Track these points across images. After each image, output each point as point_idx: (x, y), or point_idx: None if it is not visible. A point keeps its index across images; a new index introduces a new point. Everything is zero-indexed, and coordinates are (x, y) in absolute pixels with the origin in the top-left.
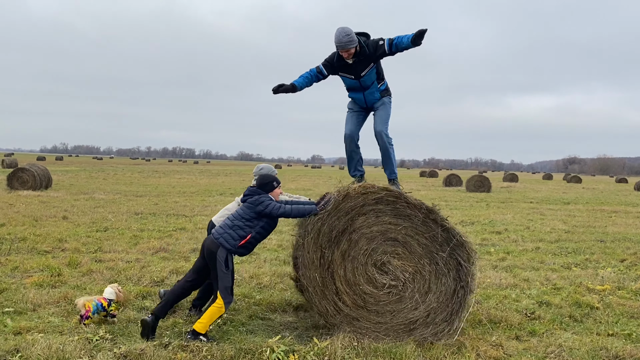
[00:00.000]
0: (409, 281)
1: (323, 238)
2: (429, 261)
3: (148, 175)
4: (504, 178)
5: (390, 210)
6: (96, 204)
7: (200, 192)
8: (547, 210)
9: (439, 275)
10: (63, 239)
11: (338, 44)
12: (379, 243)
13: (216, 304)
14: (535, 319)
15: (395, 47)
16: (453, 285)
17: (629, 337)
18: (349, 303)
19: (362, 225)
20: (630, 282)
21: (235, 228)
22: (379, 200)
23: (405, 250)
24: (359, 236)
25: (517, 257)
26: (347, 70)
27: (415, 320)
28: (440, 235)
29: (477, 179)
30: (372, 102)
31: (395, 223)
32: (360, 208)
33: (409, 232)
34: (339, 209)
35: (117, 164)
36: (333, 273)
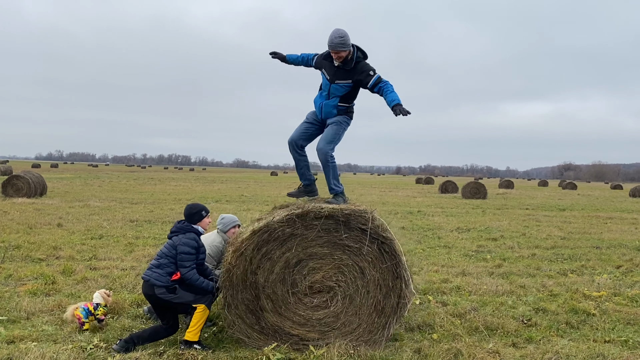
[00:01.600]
0: (341, 280)
1: (249, 317)
2: (341, 251)
3: (143, 183)
4: (500, 185)
5: (274, 244)
6: (91, 212)
7: (196, 199)
8: (543, 217)
9: (358, 251)
10: (57, 247)
11: (329, 44)
12: (291, 275)
13: (198, 310)
14: (531, 325)
15: (379, 89)
16: (375, 248)
17: (626, 344)
18: (317, 336)
19: (265, 276)
20: (626, 288)
21: (162, 266)
22: (257, 245)
23: (315, 261)
24: (272, 287)
25: (513, 264)
26: (328, 69)
27: (376, 301)
28: (328, 224)
29: (473, 186)
30: (327, 116)
31: (287, 249)
32: (250, 267)
33: (303, 244)
34: (235, 284)
35: (113, 171)
36: (284, 329)
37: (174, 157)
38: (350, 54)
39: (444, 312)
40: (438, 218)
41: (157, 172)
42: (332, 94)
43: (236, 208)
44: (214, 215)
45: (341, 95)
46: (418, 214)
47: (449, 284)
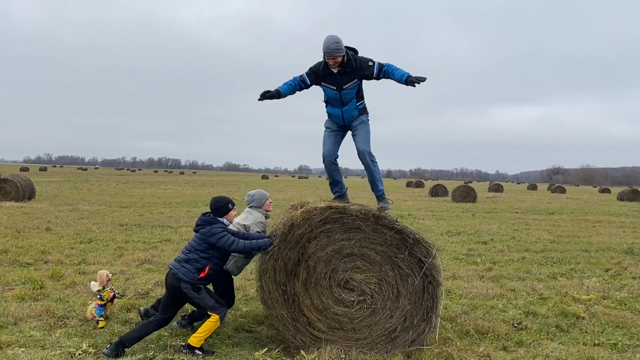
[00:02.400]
0: (376, 292)
1: (280, 274)
2: (390, 267)
3: (133, 186)
4: (489, 188)
5: (339, 227)
6: (80, 215)
7: (186, 202)
8: (532, 220)
9: (404, 277)
10: (46, 251)
11: (326, 50)
12: (337, 262)
13: (211, 319)
14: (522, 329)
15: (384, 74)
16: (421, 283)
17: (615, 347)
18: (324, 329)
19: (316, 249)
20: (615, 291)
21: (192, 261)
22: (325, 220)
23: (364, 262)
24: (315, 261)
25: (504, 267)
26: (330, 80)
27: (394, 328)
28: (394, 238)
29: (462, 189)
30: (349, 120)
31: (347, 238)
32: (308, 234)
33: (363, 243)
34: (288, 240)
35: (102, 175)
36: (300, 305)
37: (164, 161)
38: (345, 57)
39: None
40: (428, 221)
41: (147, 175)
42: (346, 98)
43: None
44: None
45: (354, 95)
46: (408, 218)
47: None
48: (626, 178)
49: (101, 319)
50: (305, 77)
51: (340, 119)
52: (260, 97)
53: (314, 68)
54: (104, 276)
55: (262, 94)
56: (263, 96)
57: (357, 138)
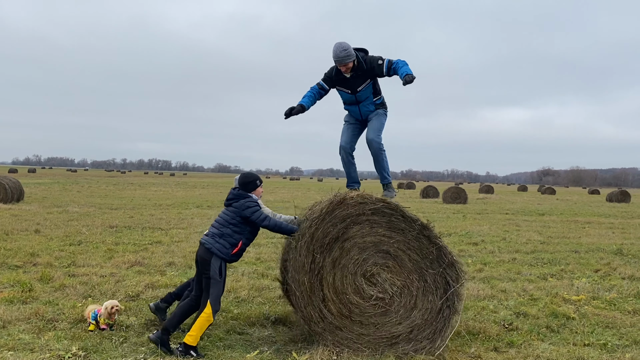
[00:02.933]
0: (396, 295)
1: (316, 243)
2: (418, 277)
3: (123, 188)
4: (480, 189)
5: (385, 222)
6: (70, 217)
7: (177, 204)
8: (523, 222)
9: (427, 292)
10: (35, 253)
11: (336, 59)
12: (371, 254)
13: (205, 313)
14: (513, 330)
15: (393, 70)
16: (439, 303)
17: (605, 347)
18: (334, 311)
19: (356, 234)
20: (604, 292)
21: (226, 236)
22: (375, 211)
23: (395, 264)
24: (351, 245)
25: (494, 268)
26: (345, 84)
27: (398, 335)
28: (432, 253)
29: (453, 191)
30: (366, 114)
31: (388, 236)
32: (355, 217)
33: (401, 246)
34: (335, 215)
35: (92, 176)
36: (322, 279)
37: (154, 162)
38: (356, 60)
39: None
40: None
41: (137, 177)
42: (361, 98)
43: (218, 213)
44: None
45: (370, 94)
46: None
47: None
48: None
49: (93, 323)
50: (322, 84)
51: (357, 114)
52: (285, 116)
53: (328, 74)
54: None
55: (287, 112)
56: (289, 114)
57: (369, 127)
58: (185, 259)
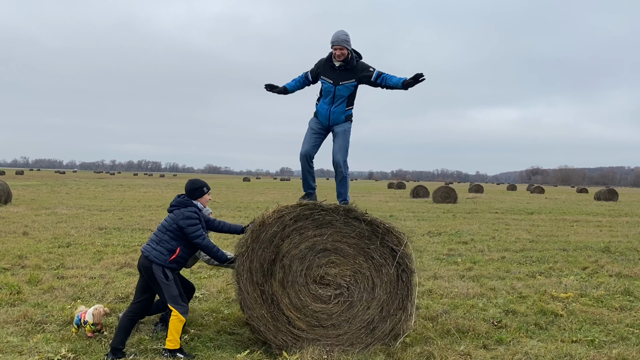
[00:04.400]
0: (352, 284)
1: (257, 274)
2: (364, 258)
3: (112, 189)
4: (470, 189)
5: (310, 223)
6: (58, 219)
7: (167, 205)
8: (512, 220)
9: (378, 267)
10: (23, 256)
11: (335, 40)
12: (311, 259)
13: (173, 315)
14: (502, 327)
15: (382, 80)
16: (395, 272)
17: (592, 343)
18: (304, 327)
19: (289, 247)
20: (592, 289)
21: (163, 243)
22: (297, 218)
23: (338, 256)
24: (290, 260)
25: (484, 267)
26: (330, 74)
27: (372, 319)
28: (366, 230)
29: (443, 190)
30: (334, 122)
31: (319, 234)
32: (281, 232)
33: (336, 237)
34: (261, 240)
35: (81, 178)
36: (279, 304)
37: (143, 164)
38: (350, 54)
39: (416, 316)
40: (410, 222)
41: (127, 178)
42: (338, 96)
43: None
44: None
45: (347, 95)
46: (390, 219)
47: (421, 288)
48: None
49: (74, 327)
50: (308, 74)
51: (326, 118)
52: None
53: (318, 63)
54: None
55: (269, 85)
56: (270, 88)
57: (335, 147)
58: None
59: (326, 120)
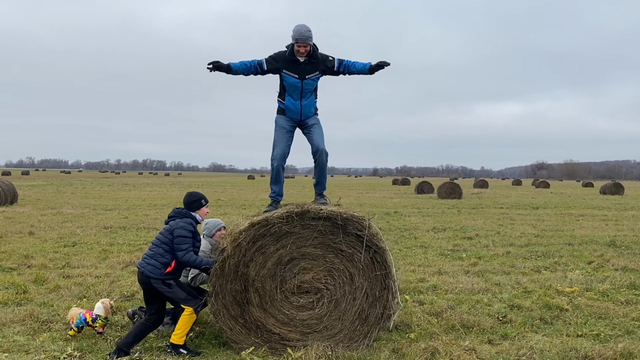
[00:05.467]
0: (330, 283)
1: (233, 309)
2: (333, 254)
3: (118, 189)
4: (475, 184)
5: (269, 239)
6: (64, 219)
7: (172, 204)
8: (517, 215)
9: (350, 257)
10: (29, 255)
11: (299, 37)
12: (282, 273)
13: (185, 313)
14: (507, 322)
15: (344, 68)
16: (367, 256)
17: (597, 337)
18: (298, 337)
19: (257, 270)
20: (597, 283)
21: (157, 256)
22: (254, 239)
23: (307, 261)
24: (261, 281)
25: (489, 262)
26: (294, 69)
27: (361, 309)
28: (326, 226)
29: (448, 186)
30: (306, 116)
31: (282, 246)
32: (243, 259)
33: (299, 244)
34: (226, 273)
35: (86, 178)
36: (266, 326)
37: (148, 162)
38: (312, 48)
39: (421, 311)
40: (414, 218)
41: (132, 177)
42: (306, 90)
43: (213, 213)
44: None
45: (313, 89)
46: (395, 215)
47: (426, 283)
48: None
49: (75, 329)
50: (263, 62)
51: (297, 113)
52: (210, 66)
53: (275, 55)
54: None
55: (213, 63)
56: (213, 65)
57: (314, 136)
58: None
59: (298, 116)
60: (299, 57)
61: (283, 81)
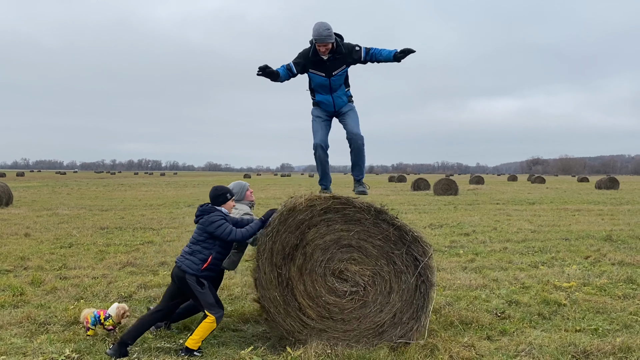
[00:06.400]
0: (369, 285)
1: (277, 256)
2: (386, 261)
3: (113, 189)
4: (471, 180)
5: (339, 217)
6: (60, 220)
7: (168, 204)
8: (513, 211)
9: (398, 273)
10: (25, 257)
11: (317, 37)
12: (334, 252)
13: (207, 320)
14: (505, 318)
15: (371, 56)
16: (414, 281)
17: (596, 332)
18: (314, 316)
19: (314, 236)
20: (594, 278)
21: (196, 253)
22: (327, 209)
23: (361, 255)
24: (312, 248)
25: (486, 258)
26: (320, 67)
27: (382, 322)
28: (393, 234)
29: (444, 183)
30: (340, 106)
31: (346, 229)
32: (309, 220)
33: (362, 235)
34: (288, 224)
35: (81, 178)
36: (293, 289)
37: (144, 162)
38: (334, 43)
39: None
40: (411, 215)
41: (127, 177)
42: (335, 85)
43: None
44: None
45: (343, 82)
46: (391, 212)
47: None
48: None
49: (92, 328)
50: (292, 66)
51: (331, 105)
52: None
53: (301, 56)
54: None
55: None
56: (263, 70)
57: (349, 121)
58: None
59: (331, 107)
60: (322, 55)
61: (311, 80)
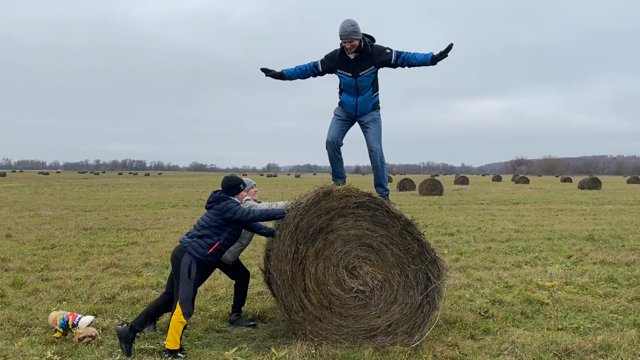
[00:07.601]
0: (377, 289)
1: (300, 233)
2: (399, 272)
3: (97, 189)
4: (455, 181)
5: (369, 216)
6: (42, 221)
7: (152, 204)
8: (498, 211)
9: (407, 287)
10: (6, 259)
11: (342, 33)
12: (354, 247)
13: (175, 315)
14: (489, 317)
15: (403, 60)
16: (420, 299)
17: (577, 330)
18: (314, 302)
19: (340, 226)
20: (576, 277)
21: (204, 237)
22: (361, 204)
23: (378, 258)
24: (335, 237)
25: (470, 258)
26: (347, 67)
27: (376, 327)
28: (415, 249)
29: (429, 183)
30: (362, 112)
31: (372, 229)
32: (340, 210)
33: (385, 240)
34: (320, 206)
35: (65, 179)
36: (304, 269)
37: (128, 163)
38: (362, 41)
39: None
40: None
41: (111, 178)
42: (362, 86)
43: (194, 212)
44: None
45: (370, 83)
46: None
47: None
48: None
49: (60, 330)
50: (318, 64)
51: (353, 109)
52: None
53: (329, 55)
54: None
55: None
56: (266, 72)
57: (369, 136)
58: (162, 259)
59: (353, 111)
60: (349, 54)
61: (340, 81)
